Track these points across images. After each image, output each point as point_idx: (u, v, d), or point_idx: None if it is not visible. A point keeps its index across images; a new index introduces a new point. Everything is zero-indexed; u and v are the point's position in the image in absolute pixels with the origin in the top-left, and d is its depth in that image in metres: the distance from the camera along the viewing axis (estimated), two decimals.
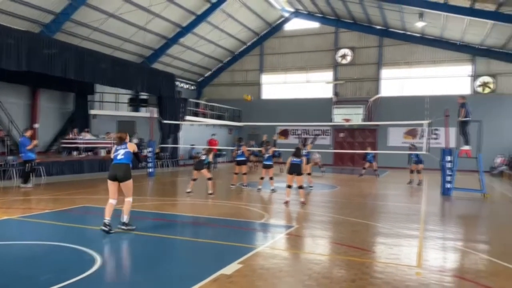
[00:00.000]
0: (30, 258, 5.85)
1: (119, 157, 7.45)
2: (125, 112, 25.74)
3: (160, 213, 9.80)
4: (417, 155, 17.08)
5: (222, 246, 6.75)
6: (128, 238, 7.30)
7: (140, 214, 9.72)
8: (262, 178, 13.91)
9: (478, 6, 19.70)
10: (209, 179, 12.34)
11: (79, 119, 22.50)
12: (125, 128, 23.80)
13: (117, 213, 7.68)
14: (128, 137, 7.79)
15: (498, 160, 24.27)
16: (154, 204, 10.78)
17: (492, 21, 20.84)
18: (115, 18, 22.04)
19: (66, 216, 9.06)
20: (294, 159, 11.11)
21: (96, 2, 20.36)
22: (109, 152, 20.52)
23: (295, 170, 10.98)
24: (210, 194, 12.13)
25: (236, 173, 14.67)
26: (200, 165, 12.47)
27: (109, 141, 21.04)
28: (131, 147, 7.58)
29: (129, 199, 7.59)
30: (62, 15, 19.54)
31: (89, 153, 20.22)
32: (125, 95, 25.82)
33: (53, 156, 19.66)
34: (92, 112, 23.96)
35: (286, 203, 11.00)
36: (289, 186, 11.22)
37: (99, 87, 23.53)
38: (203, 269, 5.46)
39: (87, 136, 20.43)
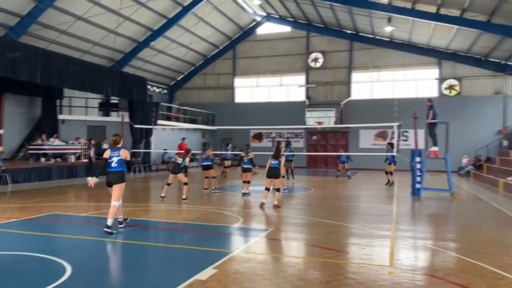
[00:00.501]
0: None
1: (113, 164, 7.89)
2: (95, 116, 25.18)
3: (133, 219, 9.61)
4: (392, 156, 17.46)
5: (196, 252, 6.68)
6: (100, 245, 7.13)
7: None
8: (244, 182, 13.59)
9: (443, 11, 20.37)
10: (185, 184, 12.08)
11: (47, 125, 21.86)
12: (95, 133, 23.37)
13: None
14: (122, 142, 8.27)
15: (465, 160, 25.09)
16: (126, 211, 10.55)
17: (457, 26, 21.59)
18: (83, 20, 21.57)
19: (34, 225, 8.75)
20: (273, 162, 11.22)
21: (64, 4, 19.88)
22: (79, 158, 20.11)
23: (273, 173, 11.15)
24: (184, 199, 11.88)
25: (206, 177, 14.53)
26: (176, 168, 12.22)
27: (79, 147, 20.55)
28: (124, 154, 7.96)
29: (114, 203, 7.78)
30: (28, 18, 18.98)
31: (58, 159, 19.66)
32: (95, 99, 25.27)
33: (19, 163, 19.01)
34: (61, 117, 23.34)
35: (262, 205, 11.01)
36: (267, 189, 11.32)
37: (67, 92, 22.94)
38: (178, 275, 5.39)
39: (55, 142, 19.86)
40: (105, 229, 7.52)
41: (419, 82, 28.53)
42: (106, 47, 24.72)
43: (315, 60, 30.92)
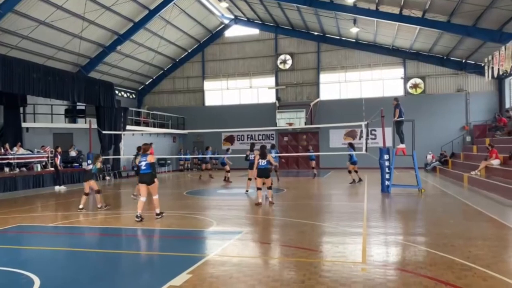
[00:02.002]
0: None
1: (143, 167, 9.63)
2: (61, 124, 24.46)
3: (103, 227, 9.41)
4: (352, 155, 17.83)
5: (170, 257, 6.60)
6: (70, 256, 6.94)
7: (81, 230, 9.30)
8: (268, 186, 12.23)
9: (406, 12, 20.99)
10: (97, 192, 11.47)
11: (10, 133, 21.05)
12: (62, 140, 22.74)
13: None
14: (150, 149, 9.89)
15: (429, 156, 25.89)
16: (96, 219, 10.33)
17: (419, 26, 22.28)
18: (46, 25, 20.98)
19: None
20: (262, 163, 11.75)
21: (24, 8, 19.27)
22: (45, 166, 19.50)
23: (263, 173, 11.78)
24: (100, 207, 11.33)
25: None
26: (88, 175, 11.67)
27: (45, 155, 19.90)
28: (150, 159, 9.64)
29: (155, 197, 9.75)
30: None
31: (23, 168, 18.98)
32: (61, 106, 24.56)
33: None
34: (25, 125, 22.54)
35: (259, 204, 11.57)
36: (259, 189, 11.91)
37: (31, 99, 22.20)
38: (151, 282, 5.31)
39: (19, 151, 19.18)
40: (157, 217, 9.67)
41: (385, 81, 29.25)
42: (70, 52, 24.11)
43: (284, 62, 31.20)
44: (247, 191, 15.01)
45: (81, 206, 11.23)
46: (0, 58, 16.45)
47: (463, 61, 26.80)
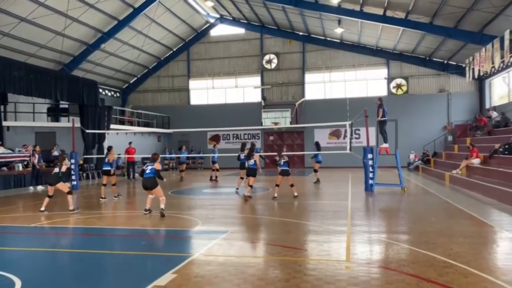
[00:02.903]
0: None
1: (147, 171, 10.11)
2: (44, 122, 24.01)
3: (87, 227, 9.31)
4: (317, 155, 18.15)
5: (155, 257, 6.58)
6: (52, 256, 6.85)
7: (65, 230, 9.18)
8: (277, 185, 13.15)
9: (389, 13, 21.24)
10: (68, 193, 11.03)
11: None
12: (44, 139, 22.37)
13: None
14: (159, 158, 10.45)
15: (412, 156, 26.27)
16: (79, 219, 10.21)
17: (402, 28, 22.58)
18: (28, 22, 20.60)
19: None
20: (250, 163, 12.95)
21: (5, 5, 18.89)
22: (27, 165, 19.13)
23: (251, 173, 12.85)
24: (72, 210, 10.79)
25: (104, 184, 13.45)
26: (54, 178, 11.02)
27: (27, 154, 19.52)
28: (157, 166, 10.22)
29: (162, 198, 10.04)
30: None
31: (4, 168, 18.59)
32: (43, 104, 24.14)
33: None
34: (6, 123, 22.03)
35: (247, 198, 12.65)
36: (251, 186, 12.92)
37: (12, 97, 21.75)
38: (136, 282, 5.28)
39: (0, 150, 18.77)
40: (161, 211, 9.83)
41: (369, 81, 29.56)
42: (53, 50, 23.73)
43: (270, 61, 31.26)
44: (237, 189, 15.06)
45: (42, 209, 10.85)
46: None
47: (445, 62, 27.26)
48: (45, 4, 20.17)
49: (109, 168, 13.39)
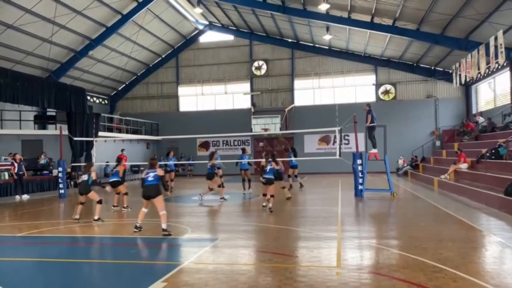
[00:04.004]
0: None
1: (149, 179, 8.87)
2: (30, 130, 23.70)
3: (75, 236, 9.17)
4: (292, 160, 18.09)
5: (144, 266, 6.50)
6: (40, 266, 6.72)
7: (53, 239, 9.03)
8: (264, 195, 12.39)
9: (377, 20, 21.48)
10: (99, 202, 10.76)
11: None
12: (31, 147, 22.08)
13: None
14: (157, 163, 9.34)
15: (400, 161, 26.48)
16: (67, 228, 10.06)
17: (389, 34, 22.84)
18: (14, 29, 20.39)
19: None
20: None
21: None
22: (11, 175, 18.79)
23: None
24: (96, 220, 10.52)
25: (117, 193, 13.19)
26: (83, 187, 10.74)
27: (13, 163, 19.22)
28: (159, 171, 9.03)
29: (163, 212, 8.73)
30: None
31: None
32: (30, 112, 23.84)
33: None
34: None
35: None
36: (264, 194, 12.32)
37: None
38: None
39: None
40: (164, 233, 8.54)
41: (358, 88, 29.80)
42: (40, 57, 23.51)
43: (259, 68, 31.36)
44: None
45: (77, 216, 10.65)
46: None
47: (432, 68, 27.62)
48: (32, 11, 20.00)
49: (117, 179, 12.88)
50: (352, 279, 5.49)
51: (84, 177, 10.78)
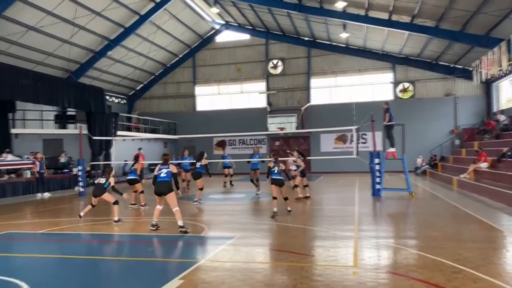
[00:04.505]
0: None
1: (162, 175, 8.92)
2: (51, 129, 24.24)
3: (94, 234, 9.34)
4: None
5: (162, 263, 6.58)
6: (60, 263, 6.88)
7: (71, 236, 9.21)
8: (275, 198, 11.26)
9: (395, 17, 21.22)
10: (115, 203, 10.58)
11: None
12: (52, 146, 22.52)
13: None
14: (170, 159, 9.35)
15: (419, 160, 26.11)
16: (87, 225, 10.25)
17: (408, 32, 22.53)
18: (36, 31, 20.83)
19: None
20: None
21: (14, 14, 19.13)
22: (33, 173, 19.23)
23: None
24: (116, 221, 10.37)
25: (135, 191, 13.21)
26: (98, 190, 10.63)
27: (35, 161, 19.67)
28: (172, 168, 9.04)
29: (176, 209, 8.77)
30: None
31: (12, 175, 18.75)
32: (50, 111, 24.35)
33: None
34: (14, 131, 22.30)
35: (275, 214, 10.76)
36: (275, 198, 11.09)
37: (20, 104, 22.00)
38: None
39: (8, 157, 18.93)
40: (180, 230, 8.59)
41: (375, 86, 29.48)
42: (60, 57, 23.96)
43: (275, 66, 31.32)
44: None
45: (81, 214, 10.67)
46: None
47: (451, 65, 27.13)
48: (52, 13, 20.39)
49: (135, 177, 12.98)
50: (369, 279, 5.46)
51: (102, 180, 10.79)
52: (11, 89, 17.02)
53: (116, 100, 32.15)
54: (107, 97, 27.74)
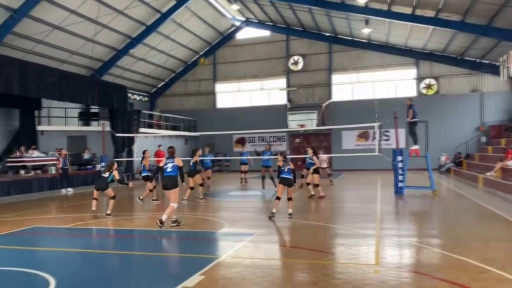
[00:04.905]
0: None
1: (168, 169, 8.96)
2: (75, 126, 24.80)
3: (117, 229, 9.49)
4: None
5: (183, 259, 6.63)
6: (84, 257, 7.02)
7: (95, 231, 9.39)
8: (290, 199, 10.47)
9: (418, 12, 20.78)
10: (112, 198, 10.80)
11: (25, 136, 21.41)
12: (76, 143, 23.01)
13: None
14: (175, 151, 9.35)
15: (443, 158, 25.56)
16: (110, 220, 10.43)
17: (432, 26, 22.04)
18: (60, 30, 21.28)
19: (15, 239, 8.54)
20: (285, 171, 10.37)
21: (39, 13, 19.58)
22: (57, 170, 19.70)
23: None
24: (108, 214, 10.59)
25: (150, 190, 13.25)
26: (103, 184, 10.79)
27: (60, 158, 20.15)
28: (178, 162, 8.99)
29: (172, 205, 8.77)
30: (2, 28, 18.61)
31: (38, 171, 19.27)
32: (74, 109, 24.89)
33: None
34: (40, 128, 22.90)
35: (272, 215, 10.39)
36: (278, 198, 10.47)
37: (46, 102, 22.56)
38: (165, 283, 5.34)
39: (34, 154, 19.45)
40: (158, 222, 8.53)
41: (398, 82, 28.98)
42: (84, 56, 24.42)
43: (295, 63, 31.13)
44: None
45: (93, 208, 10.77)
46: (16, 63, 16.74)
47: (478, 60, 26.42)
48: (76, 12, 20.78)
49: (148, 174, 13.19)
50: (391, 278, 5.37)
51: (105, 174, 10.88)
52: (37, 87, 17.43)
53: (138, 98, 32.59)
54: (130, 95, 28.14)
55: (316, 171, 13.55)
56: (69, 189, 17.89)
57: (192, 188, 13.18)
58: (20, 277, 5.81)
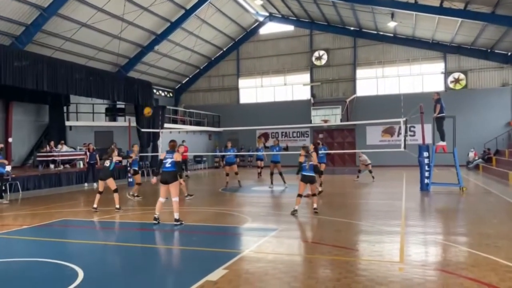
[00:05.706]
0: (9, 276, 5.69)
1: (167, 165, 8.86)
2: (102, 122, 25.37)
3: (142, 222, 9.68)
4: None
5: (206, 253, 6.71)
6: (111, 250, 7.20)
7: (122, 225, 9.61)
8: (314, 195, 10.43)
9: (446, 4, 20.24)
10: (115, 191, 10.68)
11: (54, 131, 22.04)
12: (103, 138, 23.52)
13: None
14: (184, 147, 8.98)
15: (471, 154, 24.91)
16: (135, 214, 10.64)
17: (461, 19, 21.44)
18: (88, 27, 21.74)
19: (45, 231, 8.83)
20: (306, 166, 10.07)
21: (68, 11, 20.06)
22: (84, 164, 20.16)
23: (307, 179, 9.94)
24: (118, 209, 10.68)
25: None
26: (106, 173, 10.70)
27: (87, 153, 20.64)
28: (176, 156, 8.88)
29: (175, 199, 8.77)
30: (33, 27, 19.17)
31: (67, 165, 19.82)
32: (101, 105, 25.45)
33: (29, 170, 19.17)
34: (68, 123, 23.52)
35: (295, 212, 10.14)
36: (300, 195, 10.11)
37: (74, 98, 23.13)
38: (188, 277, 5.42)
39: (63, 148, 20.01)
40: (176, 224, 8.68)
41: (425, 76, 28.37)
42: (110, 52, 24.89)
43: (319, 58, 30.87)
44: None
45: (95, 205, 10.70)
46: (45, 60, 17.20)
47: (509, 54, 25.56)
48: (103, 9, 21.19)
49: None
50: (416, 275, 5.29)
51: (106, 163, 10.80)
52: (66, 83, 17.88)
53: (163, 94, 33.02)
54: (155, 91, 28.54)
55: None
56: (95, 183, 18.26)
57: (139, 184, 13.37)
58: (50, 268, 6.01)
